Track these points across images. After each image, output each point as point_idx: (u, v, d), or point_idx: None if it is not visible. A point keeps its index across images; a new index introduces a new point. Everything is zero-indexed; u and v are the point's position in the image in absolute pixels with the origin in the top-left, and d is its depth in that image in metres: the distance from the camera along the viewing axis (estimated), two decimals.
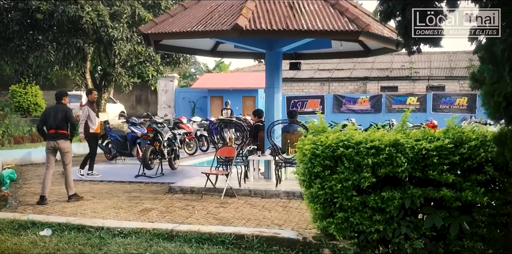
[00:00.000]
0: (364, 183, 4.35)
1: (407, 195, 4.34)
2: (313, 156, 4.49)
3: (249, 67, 36.28)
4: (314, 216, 4.74)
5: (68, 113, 8.37)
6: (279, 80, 10.00)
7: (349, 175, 4.41)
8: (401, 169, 4.28)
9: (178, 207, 7.85)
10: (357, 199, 4.44)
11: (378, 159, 4.33)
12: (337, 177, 4.45)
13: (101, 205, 7.97)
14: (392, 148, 4.32)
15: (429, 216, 4.36)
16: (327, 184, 4.49)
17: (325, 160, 4.48)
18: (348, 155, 4.40)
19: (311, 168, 4.52)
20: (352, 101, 29.15)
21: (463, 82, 29.95)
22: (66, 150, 8.36)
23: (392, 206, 4.36)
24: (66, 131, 8.37)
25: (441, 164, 4.28)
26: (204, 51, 11.63)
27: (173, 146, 11.76)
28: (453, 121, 4.67)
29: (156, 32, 8.64)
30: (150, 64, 17.47)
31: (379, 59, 32.19)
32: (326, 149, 4.47)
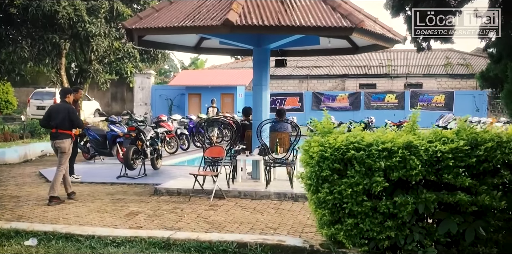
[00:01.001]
0: (377, 188, 4.11)
1: (420, 199, 4.12)
2: (321, 159, 4.22)
3: (227, 64, 35.92)
4: (320, 222, 4.48)
5: (71, 112, 8.15)
6: (267, 78, 9.73)
7: (360, 179, 4.16)
8: (415, 172, 4.05)
9: (166, 210, 7.51)
10: (368, 204, 4.20)
11: (391, 162, 4.09)
12: (347, 181, 4.20)
13: (84, 209, 7.58)
14: (405, 150, 4.08)
15: (444, 222, 4.15)
16: (336, 189, 4.23)
17: (334, 163, 4.22)
18: (359, 158, 4.15)
19: (319, 171, 4.25)
20: (331, 99, 29.13)
21: (440, 80, 30.21)
22: (63, 150, 8.13)
23: (405, 211, 4.13)
24: (68, 131, 8.16)
25: (457, 167, 4.07)
26: (188, 47, 11.26)
27: (156, 146, 11.39)
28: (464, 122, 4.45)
29: (140, 27, 8.26)
30: (128, 60, 17.00)
31: (357, 56, 32.16)
32: (335, 151, 4.21)
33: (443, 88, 29.62)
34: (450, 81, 30.13)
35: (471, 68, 30.51)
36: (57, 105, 8.56)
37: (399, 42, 8.96)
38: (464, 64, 31.16)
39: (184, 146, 16.54)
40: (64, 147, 8.12)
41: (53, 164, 12.99)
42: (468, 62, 31.33)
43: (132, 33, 8.65)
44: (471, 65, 30.86)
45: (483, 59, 32.11)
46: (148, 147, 10.96)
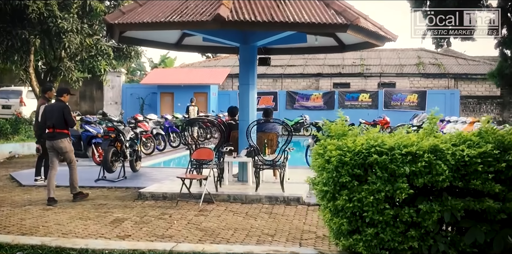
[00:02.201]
0: (401, 195, 3.81)
1: (446, 207, 3.85)
2: (340, 164, 3.90)
3: (199, 63, 35.36)
4: (336, 232, 4.15)
5: (65, 110, 8.03)
6: (254, 76, 9.38)
7: (382, 186, 3.86)
8: (442, 178, 3.77)
9: (153, 216, 7.08)
10: (390, 212, 3.90)
11: (416, 167, 3.80)
12: (368, 188, 3.89)
13: (64, 216, 7.09)
14: (431, 154, 3.80)
15: (470, 231, 3.89)
16: (356, 196, 3.91)
17: (354, 169, 3.91)
18: (381, 163, 3.85)
19: (337, 177, 3.93)
20: (305, 98, 28.94)
21: (413, 79, 30.38)
22: (64, 150, 8.08)
23: (430, 220, 3.85)
24: (65, 130, 8.07)
25: (485, 172, 3.81)
26: (168, 44, 10.81)
27: (135, 147, 10.92)
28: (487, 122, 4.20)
29: (123, 23, 7.78)
30: (102, 58, 16.34)
31: (330, 55, 32.11)
32: (356, 156, 3.90)
33: (416, 88, 29.80)
34: (423, 80, 30.34)
35: (443, 68, 30.80)
36: (51, 105, 8.43)
37: (391, 40, 8.73)
38: (436, 63, 31.44)
39: (160, 146, 16.08)
40: (65, 147, 8.04)
41: (24, 166, 12.38)
42: (440, 62, 31.62)
43: (114, 29, 8.20)
44: (443, 65, 31.16)
45: (454, 59, 32.52)
46: (128, 149, 10.47)
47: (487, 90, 29.67)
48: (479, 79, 30.07)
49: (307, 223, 6.82)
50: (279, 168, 8.28)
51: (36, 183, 9.66)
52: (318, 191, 4.18)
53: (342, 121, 4.41)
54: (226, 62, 33.73)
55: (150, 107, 28.93)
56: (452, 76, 30.01)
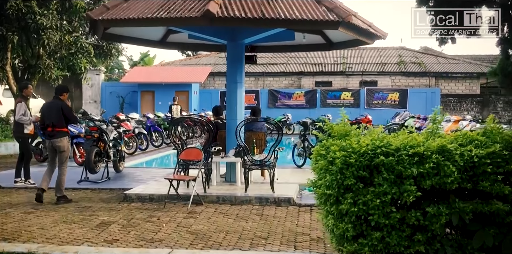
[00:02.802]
0: (408, 198, 3.66)
1: (454, 210, 3.71)
2: (345, 166, 3.74)
3: (180, 61, 35.00)
4: (339, 238, 3.97)
5: (65, 108, 7.99)
6: (242, 74, 9.18)
7: (388, 188, 3.70)
8: (451, 179, 3.63)
9: (140, 219, 6.84)
10: (397, 216, 3.74)
11: (423, 168, 3.66)
12: (374, 191, 3.73)
13: (48, 219, 6.80)
14: (439, 155, 3.66)
15: (478, 234, 3.76)
16: (361, 199, 3.75)
17: (359, 171, 3.75)
18: (387, 164, 3.69)
19: (342, 180, 3.76)
20: (287, 96, 28.87)
21: (395, 78, 30.51)
22: (62, 149, 7.95)
23: (438, 223, 3.71)
24: (64, 129, 8.02)
25: (494, 174, 3.68)
26: (152, 41, 10.53)
27: (119, 147, 10.63)
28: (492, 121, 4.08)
29: (108, 18, 7.50)
30: (82, 55, 15.94)
31: (312, 54, 32.10)
32: (361, 157, 3.73)
33: (397, 86, 29.94)
34: (404, 79, 30.49)
35: (424, 66, 30.99)
36: (49, 103, 8.35)
37: (381, 38, 8.61)
38: (417, 62, 31.62)
39: (143, 146, 15.78)
40: (63, 146, 7.94)
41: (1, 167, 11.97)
42: (421, 61, 31.81)
43: (98, 25, 7.92)
44: (423, 63, 31.35)
45: (434, 58, 32.74)
46: (111, 149, 10.19)
47: (467, 88, 29.96)
48: (459, 77, 30.36)
49: (300, 225, 6.65)
50: (269, 168, 8.09)
51: (16, 185, 9.31)
52: (320, 195, 4.00)
53: (345, 121, 4.24)
54: (207, 60, 33.46)
55: (130, 106, 28.54)
56: (432, 74, 30.22)
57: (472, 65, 30.94)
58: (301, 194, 8.37)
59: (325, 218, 4.14)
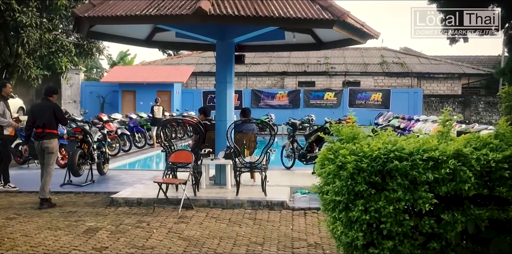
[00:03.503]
0: (424, 205, 3.47)
1: (469, 217, 3.54)
2: (357, 171, 3.54)
3: (161, 60, 34.57)
4: (347, 245, 3.76)
5: (57, 109, 7.92)
6: (232, 74, 8.96)
7: (402, 195, 3.51)
8: (467, 185, 3.46)
9: (129, 224, 6.56)
10: (410, 223, 3.56)
11: (439, 174, 3.47)
12: (386, 197, 3.54)
13: (31, 226, 6.48)
14: (455, 160, 3.48)
15: (494, 242, 3.59)
16: (373, 206, 3.56)
17: (371, 176, 3.55)
18: (401, 170, 3.50)
19: (353, 185, 3.56)
20: (271, 96, 28.71)
21: (377, 78, 30.55)
22: (51, 151, 7.80)
23: (454, 231, 3.53)
24: (54, 130, 7.89)
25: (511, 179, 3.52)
26: (138, 40, 10.23)
27: (103, 148, 10.30)
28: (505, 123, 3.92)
29: (94, 16, 7.21)
30: (63, 54, 15.52)
31: (295, 54, 32.01)
32: (373, 161, 3.54)
33: (380, 86, 29.99)
34: (387, 79, 30.56)
35: (406, 67, 31.10)
36: (39, 104, 8.16)
37: (374, 38, 8.46)
38: (399, 62, 31.73)
39: (126, 147, 15.44)
40: (53, 147, 7.81)
41: None
42: (403, 61, 31.92)
43: (83, 22, 7.62)
44: (405, 64, 31.47)
45: (416, 58, 32.90)
46: (95, 151, 9.86)
47: (449, 89, 30.16)
48: (441, 78, 30.55)
49: (295, 229, 6.45)
50: (261, 170, 7.87)
51: None
52: (328, 201, 3.79)
53: (354, 124, 4.04)
54: (189, 60, 33.12)
55: (111, 106, 28.09)
56: (415, 75, 30.35)
57: (454, 65, 31.16)
58: (294, 197, 8.17)
59: (332, 225, 3.93)
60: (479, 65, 32.48)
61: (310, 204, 7.69)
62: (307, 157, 10.39)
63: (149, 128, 17.89)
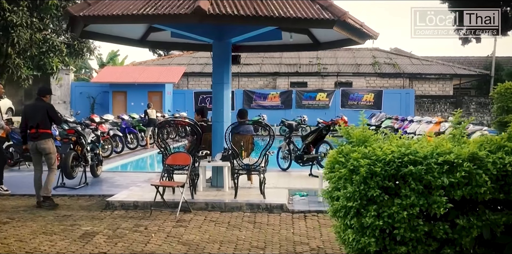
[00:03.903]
0: (438, 210, 3.37)
1: (485, 222, 3.45)
2: (369, 175, 3.43)
3: (152, 61, 34.31)
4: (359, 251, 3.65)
5: (50, 109, 7.79)
6: (229, 75, 8.83)
7: (416, 200, 3.41)
8: (483, 189, 3.36)
9: (127, 228, 6.40)
10: (425, 229, 3.45)
11: (454, 178, 3.37)
12: (400, 202, 3.43)
13: (26, 230, 6.30)
14: (470, 163, 3.39)
15: (508, 247, 3.50)
16: (386, 212, 3.45)
17: (384, 181, 3.44)
18: (416, 174, 3.39)
19: (365, 190, 3.45)
20: (263, 97, 28.59)
21: (369, 79, 30.55)
22: (48, 151, 7.71)
23: (469, 236, 3.43)
24: (48, 130, 7.78)
25: None
26: (132, 40, 10.06)
27: (96, 150, 10.12)
28: None
29: (90, 15, 7.05)
30: (54, 54, 15.28)
31: (287, 54, 31.91)
32: (387, 165, 3.43)
33: (372, 87, 29.98)
34: (379, 80, 30.56)
35: (397, 67, 31.13)
36: (31, 105, 8.06)
37: (372, 38, 8.37)
38: (390, 63, 31.75)
39: (118, 148, 15.25)
40: (49, 148, 7.70)
41: None
42: (394, 61, 31.95)
43: (78, 22, 7.45)
44: (397, 64, 31.50)
45: (408, 59, 32.96)
46: (89, 152, 9.68)
47: (441, 89, 30.23)
48: (433, 78, 30.61)
49: (296, 233, 6.34)
50: (260, 173, 7.74)
51: None
52: (338, 207, 3.67)
53: (364, 126, 3.92)
54: (180, 60, 32.91)
55: (101, 107, 27.81)
56: (407, 75, 30.38)
57: (445, 66, 31.23)
58: (292, 200, 8.05)
59: (343, 232, 3.81)
60: (469, 66, 32.60)
61: (310, 206, 7.59)
62: (304, 159, 10.28)
63: (141, 129, 17.71)
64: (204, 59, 32.40)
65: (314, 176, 9.79)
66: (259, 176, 7.74)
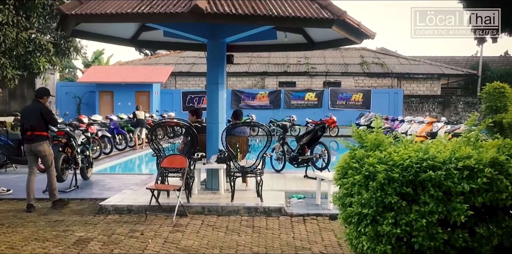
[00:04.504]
0: (458, 217, 3.24)
1: (505, 229, 3.32)
2: (387, 181, 3.28)
3: (139, 60, 33.95)
4: None
5: (44, 111, 7.61)
6: (223, 75, 8.64)
7: (435, 207, 3.27)
8: (505, 195, 3.23)
9: (122, 234, 6.19)
10: (444, 237, 3.31)
11: (475, 183, 3.24)
12: (419, 210, 3.29)
13: (16, 237, 6.07)
14: (491, 168, 3.26)
15: None
16: (404, 219, 3.30)
17: (403, 187, 3.30)
18: (435, 180, 3.26)
19: (382, 197, 3.31)
20: (251, 97, 28.43)
21: (358, 78, 30.54)
22: (43, 154, 7.65)
23: (489, 244, 3.31)
24: (44, 133, 7.66)
25: None
26: (123, 40, 9.84)
27: (86, 152, 9.87)
28: None
29: (82, 13, 6.82)
30: (41, 54, 14.92)
31: (275, 54, 31.79)
32: (405, 171, 3.29)
33: (360, 87, 29.97)
34: (367, 79, 30.57)
35: (386, 67, 31.16)
36: (28, 106, 7.93)
37: (369, 38, 8.25)
38: (379, 63, 31.77)
39: (107, 150, 14.99)
40: (44, 150, 7.63)
41: None
42: (382, 61, 31.98)
43: (69, 20, 7.22)
44: (385, 64, 31.53)
45: (395, 58, 33.03)
46: (79, 154, 9.43)
47: (428, 89, 30.32)
48: (421, 78, 30.70)
49: (297, 237, 6.18)
50: (257, 175, 7.57)
51: None
52: (352, 214, 3.51)
53: (378, 130, 3.77)
54: (167, 60, 32.61)
55: (87, 107, 27.43)
56: (395, 75, 30.42)
57: (433, 66, 31.35)
58: (290, 202, 7.90)
59: (355, 239, 3.66)
60: (455, 66, 32.75)
61: (308, 209, 7.44)
62: (299, 160, 10.12)
63: (130, 129, 17.45)
64: (192, 58, 32.15)
65: (310, 178, 9.66)
66: (256, 178, 7.57)
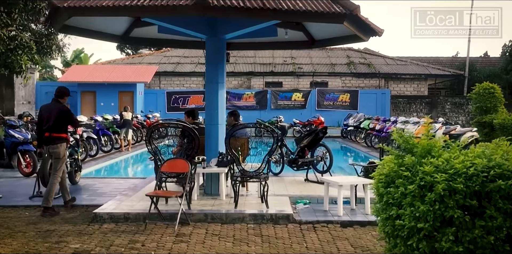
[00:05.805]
0: None
1: None
2: (447, 192, 2.87)
3: (121, 59, 33.21)
4: None
5: (65, 111, 7.37)
6: (223, 74, 8.18)
7: (502, 221, 2.87)
8: None
9: (121, 245, 5.68)
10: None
11: None
12: (485, 225, 2.88)
13: (6, 249, 5.51)
14: None
15: None
16: (468, 236, 2.90)
17: (466, 199, 2.89)
18: (504, 190, 2.85)
19: (442, 210, 2.89)
20: (237, 97, 27.98)
21: (345, 79, 30.28)
22: (57, 156, 7.38)
23: None
24: (63, 134, 7.41)
25: None
26: (113, 36, 9.31)
27: (75, 155, 9.31)
28: None
29: (75, 6, 6.30)
30: (23, 52, 14.23)
31: (261, 53, 31.39)
32: (469, 181, 2.88)
33: (348, 87, 29.72)
34: (354, 80, 30.32)
35: (373, 67, 30.96)
36: (47, 106, 7.57)
37: (378, 35, 7.85)
38: (365, 63, 31.56)
39: (92, 152, 14.38)
40: (60, 152, 7.36)
41: None
42: (369, 61, 31.78)
43: (60, 14, 6.69)
44: (372, 64, 31.33)
45: (382, 59, 32.87)
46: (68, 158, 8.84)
47: (416, 90, 30.21)
48: (408, 79, 30.57)
49: (311, 247, 5.74)
50: (262, 180, 7.12)
51: None
52: (400, 227, 3.09)
53: (429, 131, 3.34)
54: (151, 59, 31.97)
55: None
56: (382, 75, 30.24)
57: (419, 66, 31.25)
58: (296, 209, 7.45)
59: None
60: (440, 66, 32.71)
61: (317, 216, 7.00)
62: (299, 163, 9.69)
63: (115, 130, 16.84)
64: (176, 58, 31.56)
65: (311, 182, 9.25)
66: (261, 183, 7.12)
